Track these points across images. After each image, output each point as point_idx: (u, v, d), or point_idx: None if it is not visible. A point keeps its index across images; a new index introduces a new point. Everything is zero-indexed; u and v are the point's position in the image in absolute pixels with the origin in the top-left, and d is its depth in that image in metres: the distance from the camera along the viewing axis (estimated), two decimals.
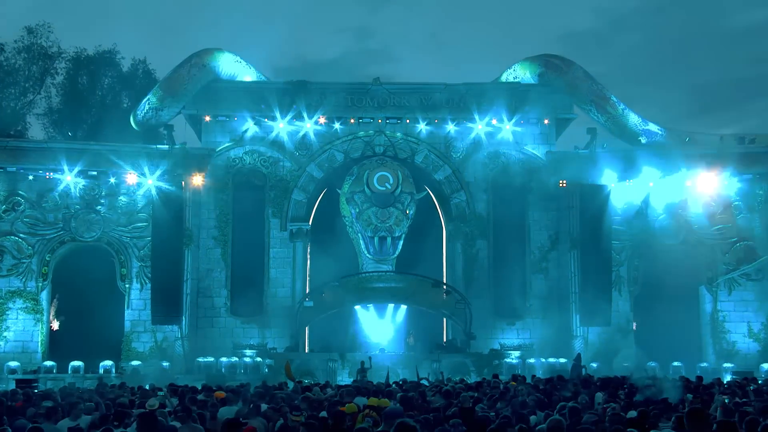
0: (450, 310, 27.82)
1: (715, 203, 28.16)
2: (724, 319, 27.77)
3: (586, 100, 29.05)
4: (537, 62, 29.98)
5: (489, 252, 29.67)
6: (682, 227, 28.14)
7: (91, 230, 27.72)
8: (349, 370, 25.21)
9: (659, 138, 29.19)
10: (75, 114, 39.08)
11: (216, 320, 28.83)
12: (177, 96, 28.21)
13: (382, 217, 28.03)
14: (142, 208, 28.02)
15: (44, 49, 37.86)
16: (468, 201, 29.79)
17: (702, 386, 16.30)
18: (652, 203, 28.34)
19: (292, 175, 29.62)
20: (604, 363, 25.98)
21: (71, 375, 25.28)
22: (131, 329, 27.85)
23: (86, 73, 39.34)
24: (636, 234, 28.53)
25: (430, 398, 14.02)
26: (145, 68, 40.72)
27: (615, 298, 28.07)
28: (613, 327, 27.77)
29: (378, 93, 29.87)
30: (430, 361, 25.49)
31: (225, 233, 29.20)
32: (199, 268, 28.82)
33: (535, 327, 29.18)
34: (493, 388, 15.88)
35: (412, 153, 29.95)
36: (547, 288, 29.36)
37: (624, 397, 14.25)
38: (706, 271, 28.06)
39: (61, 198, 27.69)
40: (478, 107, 29.81)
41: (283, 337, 28.12)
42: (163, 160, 27.82)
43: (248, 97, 29.64)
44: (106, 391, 16.36)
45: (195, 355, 27.28)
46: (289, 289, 29.18)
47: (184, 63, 28.53)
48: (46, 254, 27.49)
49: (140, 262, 27.82)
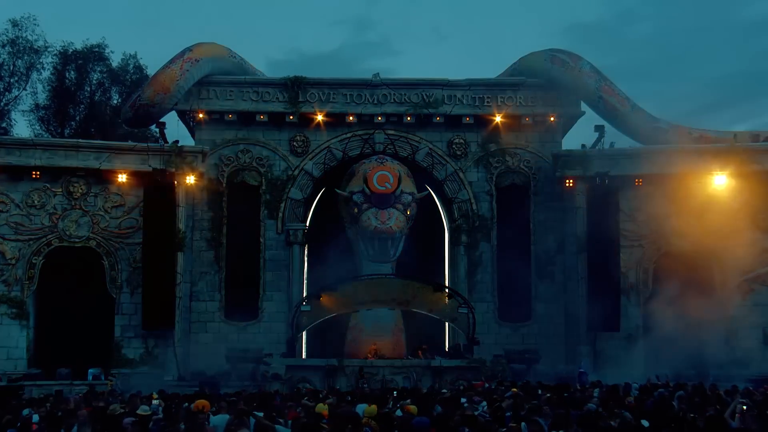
0: (452, 314, 27.75)
1: (729, 203, 28.09)
2: (739, 324, 27.73)
3: (594, 96, 28.98)
4: (543, 57, 29.95)
5: (493, 254, 29.65)
6: (694, 228, 28.06)
7: (80, 232, 27.67)
8: (347, 376, 25.18)
9: (670, 136, 29.13)
10: (62, 111, 39.07)
11: (210, 325, 28.80)
12: (169, 92, 28.12)
13: (382, 217, 27.92)
14: (133, 208, 27.97)
15: (30, 43, 37.90)
16: (471, 201, 29.79)
17: (717, 393, 16.25)
18: (662, 203, 28.30)
19: (288, 175, 29.61)
20: (612, 370, 25.93)
21: (58, 382, 25.24)
22: (121, 335, 27.79)
23: (74, 68, 39.38)
24: (646, 236, 28.49)
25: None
26: (136, 63, 40.84)
27: (624, 302, 28.02)
28: (623, 333, 27.73)
29: (377, 89, 29.87)
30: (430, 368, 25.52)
31: (219, 235, 29.17)
32: (192, 271, 28.80)
33: (540, 332, 29.15)
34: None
35: (413, 151, 29.96)
36: (553, 292, 29.34)
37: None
38: (719, 274, 28.01)
39: (47, 198, 27.65)
40: (481, 104, 29.88)
41: (279, 343, 28.05)
42: (155, 159, 27.79)
43: (243, 94, 29.68)
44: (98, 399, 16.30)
45: (188, 362, 27.24)
46: (285, 293, 29.16)
47: (177, 58, 28.46)
48: (33, 257, 27.43)
49: (131, 265, 27.76)
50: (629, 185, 28.23)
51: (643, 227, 28.48)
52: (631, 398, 15.33)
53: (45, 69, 38.65)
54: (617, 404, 13.86)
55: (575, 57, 29.43)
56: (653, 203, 28.31)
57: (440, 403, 14.61)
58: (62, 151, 27.89)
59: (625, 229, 28.21)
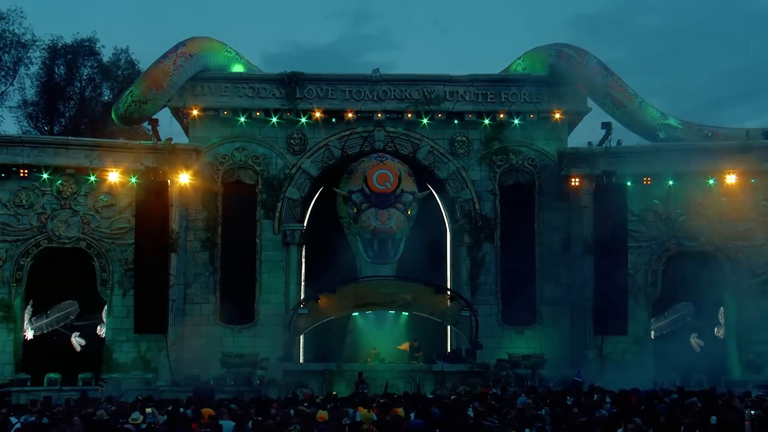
0: (454, 318, 27.76)
1: (741, 202, 28.13)
2: (751, 328, 27.68)
3: (601, 92, 28.94)
4: (548, 52, 29.94)
5: (496, 256, 29.61)
6: (705, 229, 28.10)
7: (69, 232, 27.63)
8: (346, 381, 25.18)
9: (679, 133, 29.11)
10: (51, 107, 39.04)
11: (204, 329, 28.70)
12: (162, 88, 28.08)
13: (382, 217, 27.91)
14: (125, 208, 27.94)
15: (17, 37, 37.86)
16: (474, 201, 29.77)
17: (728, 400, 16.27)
18: (672, 203, 28.32)
19: (285, 174, 29.57)
20: (619, 375, 25.91)
21: (47, 388, 25.23)
22: (113, 339, 27.73)
23: (63, 63, 39.35)
24: (655, 236, 28.47)
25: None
26: (128, 58, 40.81)
27: (632, 305, 27.96)
28: (630, 337, 27.71)
29: (377, 85, 29.85)
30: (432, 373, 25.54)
31: (213, 235, 29.11)
32: (185, 273, 28.73)
33: (545, 336, 29.08)
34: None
35: (414, 149, 29.94)
36: (558, 294, 29.25)
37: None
38: (732, 276, 27.98)
39: (36, 198, 27.62)
40: (484, 101, 29.86)
41: (275, 347, 28.00)
42: (147, 157, 27.77)
43: (238, 90, 29.63)
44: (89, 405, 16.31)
45: (181, 367, 27.20)
46: (282, 295, 29.10)
47: (170, 53, 28.42)
48: (21, 258, 27.39)
49: (123, 267, 27.72)
50: (637, 184, 28.20)
51: (652, 227, 28.45)
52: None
53: (33, 64, 38.68)
54: (630, 411, 13.87)
55: (582, 52, 29.41)
56: (662, 202, 28.31)
57: (443, 408, 14.65)
58: (51, 148, 27.82)
59: (632, 230, 28.15)
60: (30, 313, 27.93)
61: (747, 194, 28.13)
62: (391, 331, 28.86)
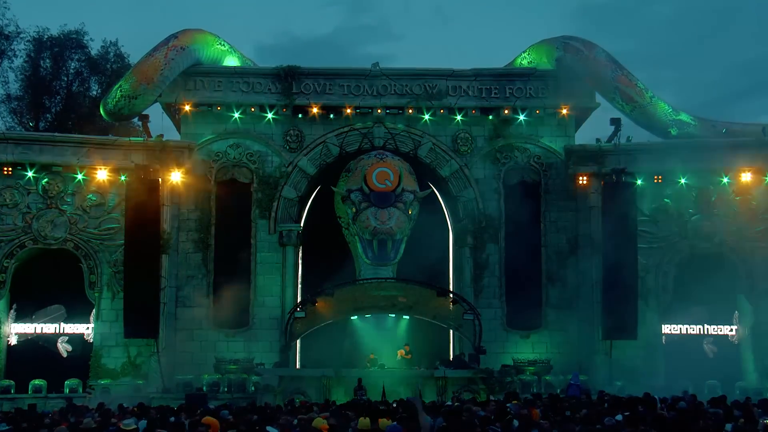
0: (457, 321, 27.70)
1: (757, 202, 28.11)
2: (767, 332, 27.70)
3: (610, 86, 28.90)
4: (554, 45, 29.90)
5: (500, 257, 29.58)
6: (719, 229, 28.07)
7: (56, 233, 27.57)
8: (345, 387, 25.15)
9: (692, 129, 29.09)
10: (37, 102, 39.01)
11: (197, 333, 28.68)
12: (153, 83, 28.02)
13: (382, 217, 27.90)
14: (114, 207, 27.92)
15: (0, 29, 37.78)
16: (477, 200, 29.74)
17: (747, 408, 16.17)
18: (684, 202, 28.30)
19: (281, 172, 29.54)
20: (629, 381, 25.91)
21: (32, 395, 25.17)
22: (101, 343, 27.67)
23: (50, 56, 39.33)
24: (666, 237, 28.45)
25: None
26: (117, 51, 40.85)
27: (642, 308, 27.95)
28: (640, 341, 27.68)
29: (377, 79, 29.82)
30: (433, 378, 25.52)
31: (207, 236, 29.07)
32: (177, 275, 28.69)
33: (552, 341, 29.07)
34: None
35: (415, 146, 29.91)
36: (565, 297, 29.25)
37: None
38: (746, 277, 27.97)
39: (21, 197, 27.55)
40: (488, 96, 29.83)
41: (271, 352, 28.04)
42: (138, 155, 27.76)
43: (232, 85, 29.64)
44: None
45: (173, 372, 27.16)
46: (278, 298, 29.08)
47: (161, 46, 28.37)
48: (4, 260, 27.31)
49: (112, 268, 27.66)
50: (648, 182, 28.18)
51: (663, 227, 28.45)
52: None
53: (17, 57, 38.70)
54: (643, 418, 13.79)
55: (590, 45, 29.37)
56: (673, 202, 28.30)
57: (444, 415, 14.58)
58: (37, 145, 27.77)
59: (643, 230, 28.15)
60: (14, 317, 27.86)
61: (762, 193, 28.15)
62: (391, 335, 28.81)
